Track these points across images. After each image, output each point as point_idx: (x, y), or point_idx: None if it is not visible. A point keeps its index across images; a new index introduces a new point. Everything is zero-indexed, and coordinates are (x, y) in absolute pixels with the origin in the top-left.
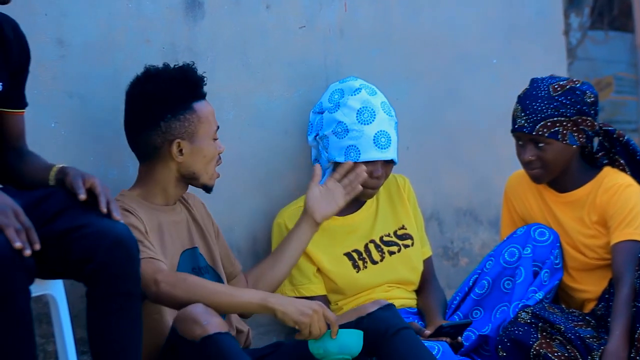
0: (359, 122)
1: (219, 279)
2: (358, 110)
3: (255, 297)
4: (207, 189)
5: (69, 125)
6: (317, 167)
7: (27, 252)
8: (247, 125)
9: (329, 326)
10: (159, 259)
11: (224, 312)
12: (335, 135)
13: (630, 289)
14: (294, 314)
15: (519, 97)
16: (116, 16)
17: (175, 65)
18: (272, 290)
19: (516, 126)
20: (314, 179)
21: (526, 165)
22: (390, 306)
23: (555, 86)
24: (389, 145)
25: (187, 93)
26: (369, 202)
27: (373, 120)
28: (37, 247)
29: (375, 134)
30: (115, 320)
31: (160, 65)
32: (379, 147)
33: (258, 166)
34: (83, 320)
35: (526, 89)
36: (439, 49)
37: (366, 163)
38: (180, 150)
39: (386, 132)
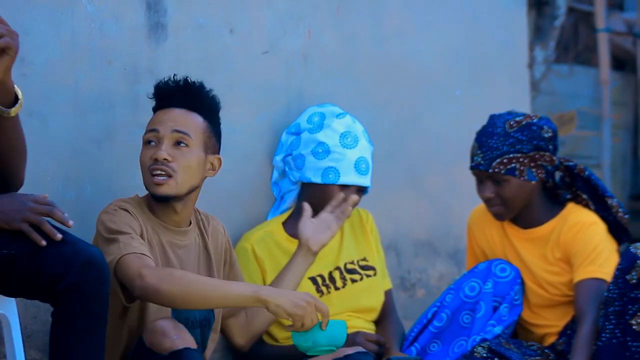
0: (341, 145)
1: (208, 312)
2: (342, 134)
3: (247, 290)
4: (156, 198)
5: (28, 144)
6: (306, 204)
7: (59, 237)
8: None
9: None
10: (147, 255)
11: (215, 306)
12: (314, 156)
13: (592, 328)
14: (287, 306)
15: (477, 133)
16: (79, 36)
17: None
18: (268, 324)
19: (473, 164)
20: (306, 214)
21: (486, 202)
22: (368, 353)
23: (512, 122)
24: (367, 173)
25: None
26: None
27: (356, 146)
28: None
29: (357, 159)
30: (80, 341)
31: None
32: (358, 172)
33: (218, 191)
34: (35, 340)
35: (483, 125)
36: (403, 78)
37: (342, 188)
38: None
39: (366, 160)
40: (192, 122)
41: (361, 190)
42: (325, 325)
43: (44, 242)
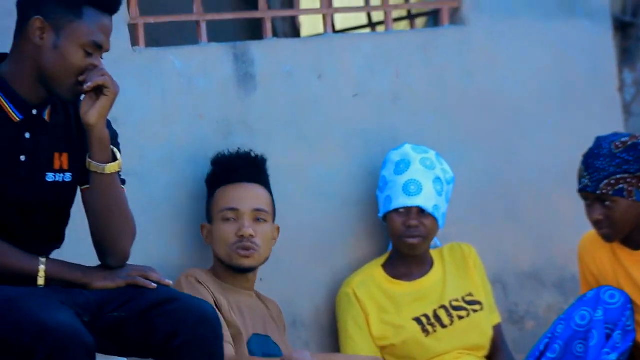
0: (394, 173)
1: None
2: (396, 163)
3: None
4: (239, 269)
5: None
6: None
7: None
8: (305, 196)
9: None
10: (228, 341)
11: None
12: (380, 191)
13: None
14: None
15: (583, 156)
16: (169, 92)
17: None
18: None
19: (581, 186)
20: None
21: (595, 224)
22: None
23: (617, 143)
24: (419, 193)
25: None
26: (435, 267)
27: (406, 171)
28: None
29: (406, 182)
30: None
31: None
32: (407, 194)
33: (318, 237)
34: None
35: (590, 148)
36: (494, 111)
37: (399, 213)
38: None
39: (417, 181)
40: (265, 198)
41: (427, 215)
42: None
43: (153, 285)
